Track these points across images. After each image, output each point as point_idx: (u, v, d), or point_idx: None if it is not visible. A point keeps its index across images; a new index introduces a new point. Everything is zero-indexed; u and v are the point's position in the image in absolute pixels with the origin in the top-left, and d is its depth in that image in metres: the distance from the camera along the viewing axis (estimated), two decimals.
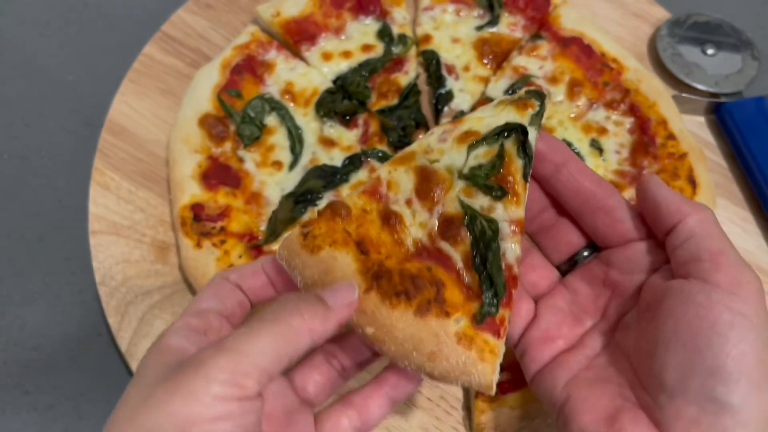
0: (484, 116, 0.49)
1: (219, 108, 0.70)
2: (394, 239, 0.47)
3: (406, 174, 0.49)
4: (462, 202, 0.47)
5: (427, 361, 0.44)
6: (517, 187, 0.47)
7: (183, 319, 0.43)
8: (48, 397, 0.64)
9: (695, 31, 0.82)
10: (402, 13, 0.78)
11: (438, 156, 0.49)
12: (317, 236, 0.46)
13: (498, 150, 0.47)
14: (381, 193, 0.49)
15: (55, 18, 0.85)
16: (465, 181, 0.47)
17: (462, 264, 0.46)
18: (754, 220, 0.73)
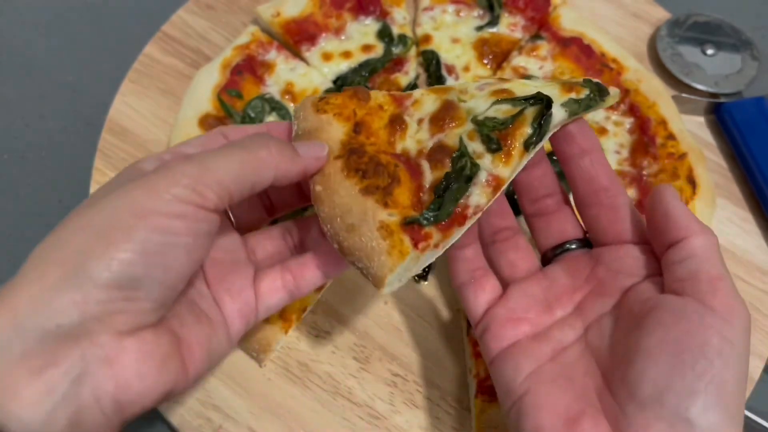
0: (528, 84, 0.50)
1: (219, 108, 0.70)
2: (389, 138, 0.50)
3: (434, 101, 0.51)
4: (461, 140, 0.48)
5: (344, 231, 0.46)
6: (512, 149, 0.47)
7: (161, 154, 0.45)
8: None
9: (695, 31, 0.82)
10: (402, 14, 0.79)
11: (468, 98, 0.51)
12: (330, 102, 0.50)
13: (517, 112, 0.48)
14: (405, 104, 0.52)
15: (55, 18, 0.85)
16: (475, 125, 0.49)
17: (428, 184, 0.48)
18: (753, 220, 0.74)
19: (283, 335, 0.61)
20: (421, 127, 0.50)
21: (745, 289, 0.69)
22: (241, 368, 0.62)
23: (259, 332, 0.60)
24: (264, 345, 0.60)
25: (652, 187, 0.69)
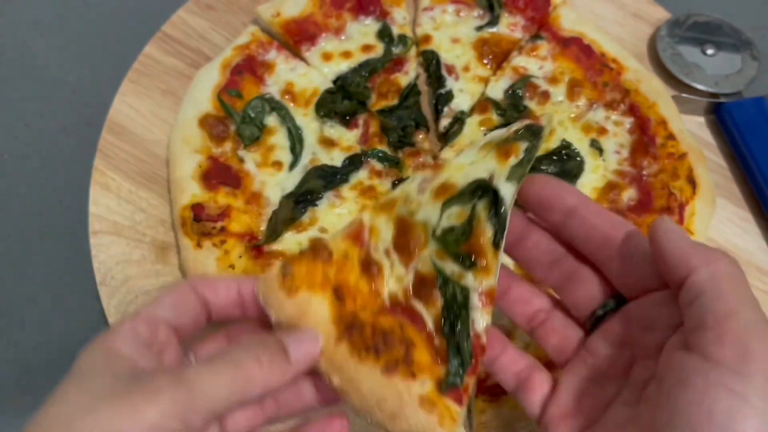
0: (464, 163, 0.48)
1: (219, 108, 0.70)
2: (371, 289, 0.47)
3: (386, 223, 0.49)
4: (435, 264, 0.47)
5: (388, 420, 0.45)
6: (487, 258, 0.46)
7: (133, 323, 0.42)
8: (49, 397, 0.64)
9: (695, 31, 0.82)
10: (402, 14, 0.79)
11: (416, 208, 0.48)
12: (296, 277, 0.46)
13: (470, 212, 0.47)
14: (363, 239, 0.48)
15: (55, 18, 0.85)
16: (438, 243, 0.47)
17: (433, 326, 0.46)
18: (753, 220, 0.74)
19: None
20: (392, 260, 0.48)
21: None
22: None
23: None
24: None
25: (652, 187, 0.69)
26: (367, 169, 0.70)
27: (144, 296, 0.64)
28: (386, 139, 0.71)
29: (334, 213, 0.67)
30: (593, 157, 0.71)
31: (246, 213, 0.66)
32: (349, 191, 0.68)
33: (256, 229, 0.65)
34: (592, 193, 0.70)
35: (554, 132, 0.72)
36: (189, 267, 0.63)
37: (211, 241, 0.63)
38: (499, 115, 0.73)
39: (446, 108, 0.74)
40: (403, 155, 0.71)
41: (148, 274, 0.66)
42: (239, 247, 0.63)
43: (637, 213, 0.68)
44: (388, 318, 0.46)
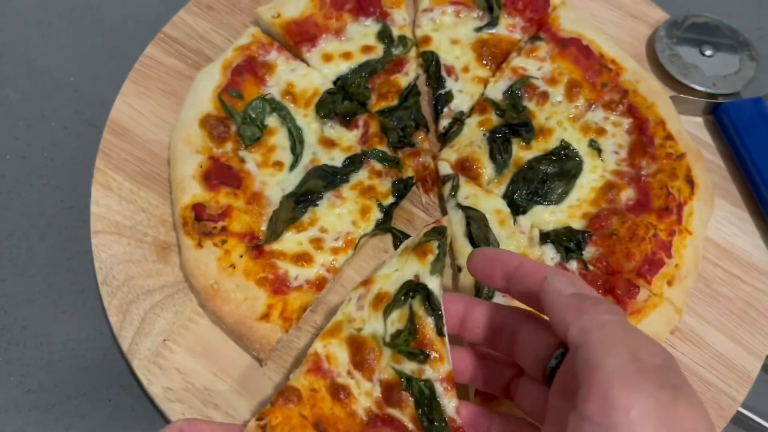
0: (390, 272, 0.56)
1: (220, 109, 0.70)
2: (347, 412, 0.51)
3: (339, 347, 0.54)
4: (395, 369, 0.52)
5: None
6: (437, 348, 0.52)
7: None
8: (50, 396, 0.65)
9: (693, 32, 0.83)
10: (402, 15, 0.79)
11: (361, 324, 0.55)
12: (275, 426, 0.49)
13: (408, 312, 0.53)
14: (324, 369, 0.53)
15: (57, 19, 0.85)
16: (390, 348, 0.53)
17: (412, 425, 0.51)
18: (751, 220, 0.74)
19: (284, 334, 0.61)
20: (356, 379, 0.53)
21: (743, 288, 0.70)
22: (242, 367, 0.63)
23: (260, 332, 0.61)
24: (264, 344, 0.61)
25: (650, 187, 0.69)
26: (367, 169, 0.70)
27: (145, 296, 0.65)
28: (386, 139, 0.72)
29: (334, 213, 0.67)
30: (592, 158, 0.72)
31: (247, 213, 0.66)
32: (349, 191, 0.68)
33: (257, 229, 0.66)
34: (590, 193, 0.70)
35: (553, 132, 0.73)
36: (190, 267, 0.63)
37: (212, 241, 0.63)
38: (498, 115, 0.73)
39: (446, 108, 0.75)
40: (403, 155, 0.72)
41: (149, 273, 0.66)
42: (240, 246, 0.64)
43: (636, 213, 0.68)
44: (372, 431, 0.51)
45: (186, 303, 0.65)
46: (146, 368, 0.62)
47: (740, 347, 0.66)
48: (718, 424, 0.63)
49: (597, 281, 0.65)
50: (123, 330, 0.63)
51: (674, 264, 0.66)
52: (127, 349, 0.63)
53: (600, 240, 0.67)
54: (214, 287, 0.62)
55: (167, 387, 0.61)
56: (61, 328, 0.68)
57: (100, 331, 0.67)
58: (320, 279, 0.64)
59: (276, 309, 0.62)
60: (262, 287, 0.62)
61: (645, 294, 0.64)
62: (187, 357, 0.63)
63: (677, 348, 0.66)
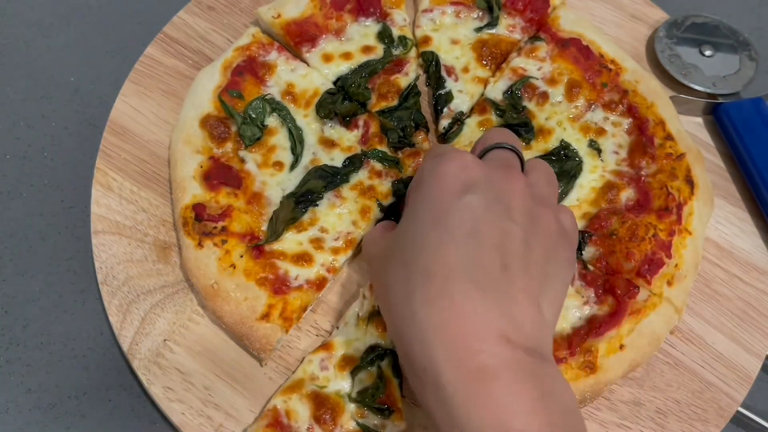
0: (352, 339, 0.60)
1: (220, 109, 0.71)
2: None
3: (300, 402, 0.57)
4: (358, 423, 0.56)
5: None
6: (399, 404, 0.58)
7: None
8: (50, 395, 0.65)
9: (693, 32, 0.83)
10: (402, 15, 0.79)
11: (325, 383, 0.58)
12: None
13: (377, 372, 0.58)
14: (282, 423, 0.56)
15: (57, 19, 0.85)
16: (356, 403, 0.57)
17: None
18: (751, 220, 0.74)
19: (284, 334, 0.62)
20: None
21: (743, 288, 0.70)
22: (243, 367, 0.63)
23: (260, 331, 0.61)
24: (265, 344, 0.61)
25: (650, 188, 0.69)
26: (367, 170, 0.70)
27: (145, 296, 0.65)
28: (386, 139, 0.72)
29: (334, 213, 0.67)
30: (592, 158, 0.72)
31: (247, 213, 0.66)
32: (349, 191, 0.69)
33: (257, 229, 0.66)
34: (590, 193, 0.70)
35: (553, 132, 0.73)
36: (190, 267, 0.63)
37: (212, 241, 0.64)
38: (498, 115, 0.74)
39: (446, 109, 0.75)
40: (403, 156, 0.72)
41: (149, 273, 0.66)
42: (240, 247, 0.64)
43: (636, 213, 0.68)
44: None
45: (186, 303, 0.65)
46: (146, 368, 0.62)
47: (740, 347, 0.67)
48: (718, 424, 0.63)
49: (597, 281, 0.65)
50: (123, 330, 0.63)
51: (674, 264, 0.66)
52: (127, 349, 0.63)
53: (600, 240, 0.67)
54: (214, 287, 0.62)
55: (167, 387, 0.61)
56: (61, 328, 0.68)
57: (100, 331, 0.67)
58: (320, 279, 0.64)
59: (276, 309, 0.62)
60: (263, 287, 0.62)
61: (645, 294, 0.64)
62: (188, 357, 0.63)
63: (677, 348, 0.66)
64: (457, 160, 0.51)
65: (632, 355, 0.62)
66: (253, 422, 0.59)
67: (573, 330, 0.62)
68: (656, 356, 0.66)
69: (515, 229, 0.48)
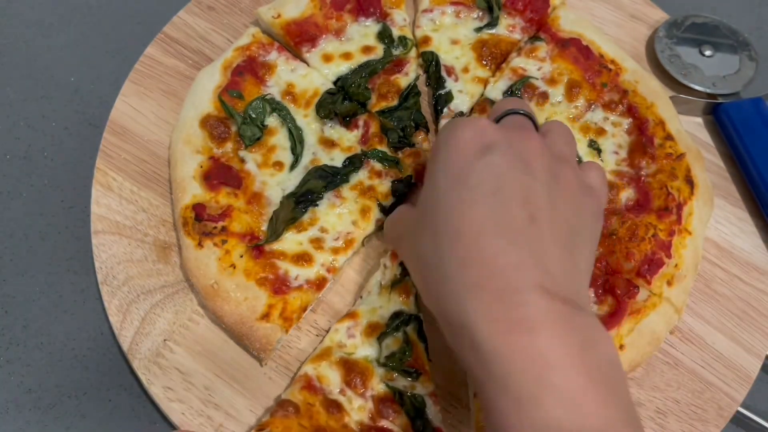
0: (376, 307, 0.62)
1: (220, 109, 0.71)
2: (340, 425, 0.56)
3: (330, 368, 0.58)
4: (387, 385, 0.58)
5: None
6: (426, 367, 0.60)
7: None
8: (50, 395, 0.65)
9: (693, 32, 0.83)
10: (402, 15, 0.79)
11: (353, 350, 0.60)
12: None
13: (403, 337, 0.60)
14: (315, 386, 0.57)
15: (57, 19, 0.85)
16: (384, 368, 0.59)
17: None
18: (751, 220, 0.74)
19: (284, 334, 0.62)
20: (348, 396, 0.57)
21: (743, 288, 0.70)
22: (242, 367, 0.63)
23: (260, 331, 0.61)
24: (265, 343, 0.61)
25: (650, 188, 0.69)
26: (367, 170, 0.70)
27: (145, 296, 0.65)
28: (386, 139, 0.72)
29: (334, 213, 0.67)
30: (592, 158, 0.72)
31: (247, 213, 0.66)
32: (349, 191, 0.69)
33: (257, 229, 0.66)
34: None
35: None
36: (190, 267, 0.63)
37: (212, 241, 0.64)
38: None
39: (446, 109, 0.75)
40: (403, 156, 0.72)
41: (149, 273, 0.66)
42: (240, 247, 0.64)
43: (636, 213, 0.68)
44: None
45: (186, 303, 0.65)
46: (146, 368, 0.62)
47: (740, 347, 0.67)
48: (718, 424, 0.63)
49: (597, 281, 0.65)
50: (123, 330, 0.63)
51: (674, 264, 0.66)
52: (127, 349, 0.63)
53: (600, 240, 0.67)
54: (214, 287, 0.62)
55: (167, 387, 0.61)
56: (61, 328, 0.68)
57: (100, 331, 0.67)
58: (320, 279, 0.64)
59: (276, 309, 0.62)
60: (263, 287, 0.62)
61: (644, 294, 0.64)
62: (188, 357, 0.63)
63: (677, 348, 0.66)
64: (472, 124, 0.51)
65: (632, 355, 0.62)
66: (286, 388, 0.59)
67: None
68: (656, 356, 0.66)
69: (537, 184, 0.48)
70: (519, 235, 0.45)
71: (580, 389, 0.39)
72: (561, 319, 0.42)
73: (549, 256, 0.45)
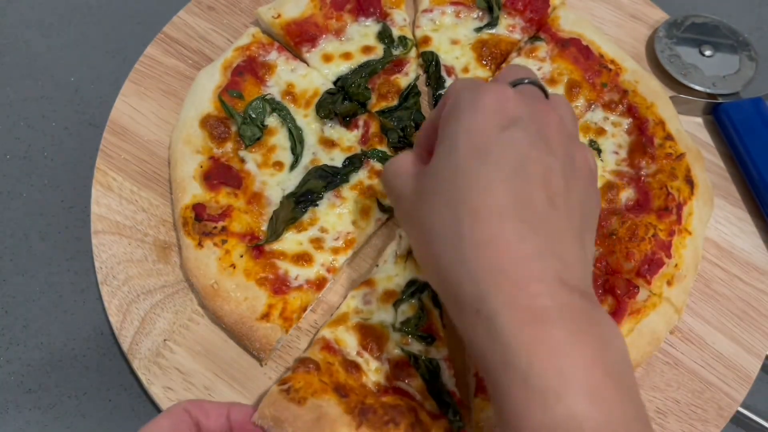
0: (392, 275, 0.64)
1: (220, 109, 0.71)
2: (359, 384, 0.57)
3: (347, 332, 0.60)
4: (403, 349, 0.60)
5: None
6: (441, 333, 0.61)
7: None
8: (50, 395, 0.65)
9: (693, 32, 0.83)
10: (402, 15, 0.79)
11: (369, 315, 0.61)
12: (299, 389, 0.54)
13: (418, 304, 0.62)
14: (334, 348, 0.59)
15: (57, 19, 0.85)
16: (399, 333, 0.60)
17: (420, 396, 0.58)
18: (751, 220, 0.74)
19: (284, 334, 0.62)
20: (365, 358, 0.59)
21: (743, 288, 0.70)
22: (243, 367, 0.63)
23: (260, 331, 0.61)
24: (265, 344, 0.61)
25: (650, 188, 0.69)
26: (367, 169, 0.70)
27: (145, 296, 0.65)
28: (386, 139, 0.72)
29: (334, 213, 0.67)
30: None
31: (247, 213, 0.66)
32: (349, 191, 0.69)
33: (257, 229, 0.66)
34: None
35: None
36: (190, 266, 0.63)
37: (212, 241, 0.64)
38: None
39: None
40: None
41: (149, 273, 0.66)
42: (240, 246, 0.64)
43: (636, 213, 0.68)
44: (389, 396, 0.57)
45: (186, 303, 0.65)
46: (146, 368, 0.62)
47: (740, 347, 0.67)
48: (718, 424, 0.63)
49: (597, 281, 0.65)
50: (123, 330, 0.63)
51: (674, 264, 0.66)
52: (127, 349, 0.63)
53: (599, 240, 0.67)
54: (214, 287, 0.62)
55: (167, 387, 0.61)
56: (61, 328, 0.68)
57: (100, 331, 0.67)
58: (320, 279, 0.64)
59: (276, 309, 0.62)
60: (263, 287, 0.62)
61: (644, 294, 0.64)
62: (188, 357, 0.63)
63: (677, 348, 0.66)
64: (497, 92, 0.48)
65: (632, 355, 0.62)
66: (306, 349, 0.61)
67: None
68: (656, 356, 0.66)
69: (556, 164, 0.46)
70: (540, 221, 0.44)
71: (602, 384, 0.39)
72: (581, 314, 0.41)
73: (564, 245, 0.44)
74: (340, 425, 0.52)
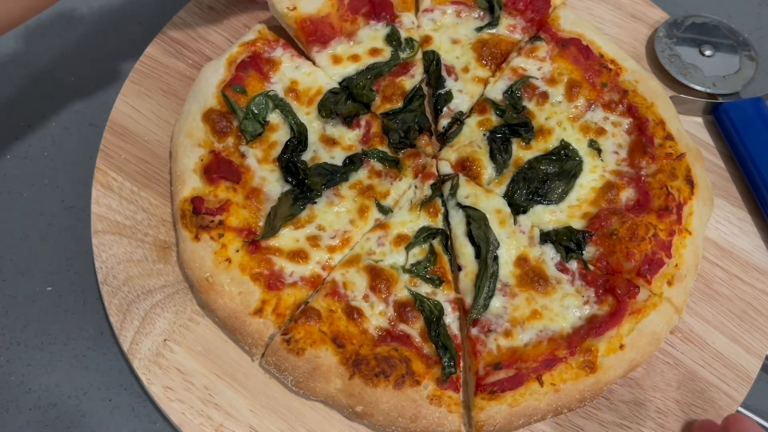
0: (406, 221, 0.67)
1: (223, 103, 0.70)
2: (359, 330, 0.60)
3: (358, 274, 0.63)
4: (410, 291, 0.62)
5: (411, 423, 0.57)
6: (449, 277, 0.64)
7: None
8: (51, 395, 0.65)
9: (693, 32, 0.83)
10: (410, 18, 0.79)
11: (381, 257, 0.64)
12: (299, 340, 0.58)
13: (429, 248, 0.65)
14: (340, 293, 0.61)
15: (57, 19, 0.85)
16: (409, 274, 0.63)
17: (420, 339, 0.60)
18: (751, 219, 0.74)
19: (277, 330, 0.61)
20: (371, 301, 0.62)
21: (743, 288, 0.70)
22: (242, 367, 0.63)
23: (253, 326, 0.61)
24: (257, 339, 0.61)
25: (650, 187, 0.69)
26: (367, 169, 0.70)
27: (145, 295, 0.65)
28: (387, 139, 0.72)
29: (332, 211, 0.67)
30: (592, 158, 0.72)
31: (245, 208, 0.66)
32: (348, 190, 0.69)
33: (254, 224, 0.66)
34: (590, 193, 0.70)
35: (553, 132, 0.73)
36: (186, 259, 0.63)
37: (209, 235, 0.63)
38: (498, 115, 0.74)
39: (445, 108, 0.75)
40: (403, 156, 0.72)
41: (149, 273, 0.66)
42: (237, 241, 0.64)
43: (636, 213, 0.68)
44: (383, 347, 0.58)
45: (186, 303, 0.65)
46: (146, 368, 0.62)
47: (740, 347, 0.67)
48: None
49: (597, 281, 0.65)
50: (123, 330, 0.63)
51: (674, 264, 0.66)
52: (127, 348, 0.63)
53: (600, 240, 0.67)
54: (209, 280, 0.62)
55: (167, 387, 0.61)
56: (62, 328, 0.68)
57: (100, 331, 0.67)
58: (315, 276, 0.64)
59: (269, 305, 0.62)
60: (257, 282, 0.62)
61: (645, 294, 0.64)
62: (188, 357, 0.63)
63: (677, 348, 0.66)
64: None
65: (632, 355, 0.62)
66: (314, 292, 0.63)
67: (573, 329, 0.62)
68: (656, 356, 0.66)
69: None
70: None
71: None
72: None
73: None
74: (334, 376, 0.57)
